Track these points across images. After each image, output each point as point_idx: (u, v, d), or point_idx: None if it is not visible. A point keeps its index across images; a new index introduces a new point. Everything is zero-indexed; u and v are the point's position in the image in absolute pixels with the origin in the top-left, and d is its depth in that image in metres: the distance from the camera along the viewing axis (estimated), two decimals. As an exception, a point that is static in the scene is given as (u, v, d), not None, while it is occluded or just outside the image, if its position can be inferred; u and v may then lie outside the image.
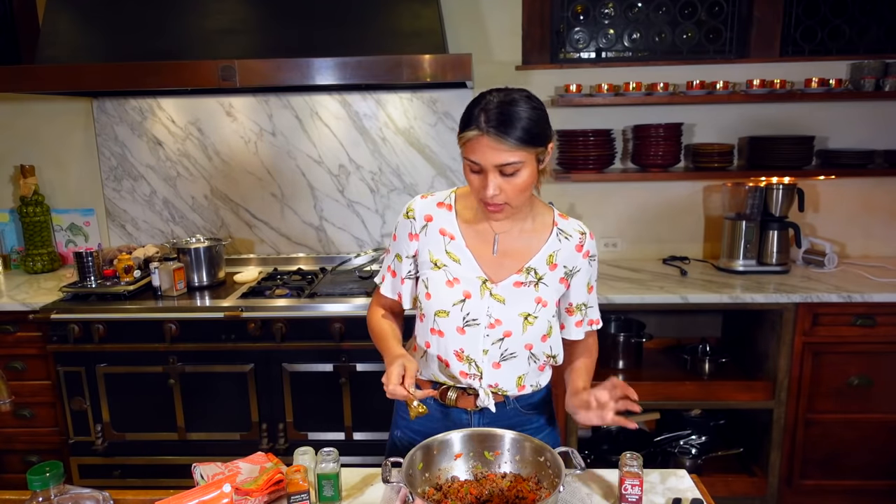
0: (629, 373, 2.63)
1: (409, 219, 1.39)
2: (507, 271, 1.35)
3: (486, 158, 1.20)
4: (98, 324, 2.36)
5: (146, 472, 2.51)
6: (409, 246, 1.40)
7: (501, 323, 1.33)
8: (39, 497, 0.99)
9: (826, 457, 2.52)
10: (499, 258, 1.35)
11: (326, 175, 2.94)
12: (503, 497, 1.17)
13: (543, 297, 1.34)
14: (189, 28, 2.48)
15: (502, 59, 2.83)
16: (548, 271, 1.35)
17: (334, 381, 2.39)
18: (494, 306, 1.33)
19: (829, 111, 2.80)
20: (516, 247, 1.36)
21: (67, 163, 2.99)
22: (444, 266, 1.35)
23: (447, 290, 1.34)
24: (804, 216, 2.84)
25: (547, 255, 1.36)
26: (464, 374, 1.36)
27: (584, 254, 1.39)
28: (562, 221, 1.39)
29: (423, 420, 1.42)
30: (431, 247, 1.37)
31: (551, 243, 1.36)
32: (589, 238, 1.40)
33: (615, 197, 2.95)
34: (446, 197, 1.41)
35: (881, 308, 2.38)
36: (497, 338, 1.34)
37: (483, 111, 1.20)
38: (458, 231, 1.36)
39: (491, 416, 1.39)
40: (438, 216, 1.38)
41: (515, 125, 1.18)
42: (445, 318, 1.34)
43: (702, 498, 1.26)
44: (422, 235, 1.38)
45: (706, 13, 2.88)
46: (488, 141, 1.19)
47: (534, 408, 1.44)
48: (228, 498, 1.10)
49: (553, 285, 1.36)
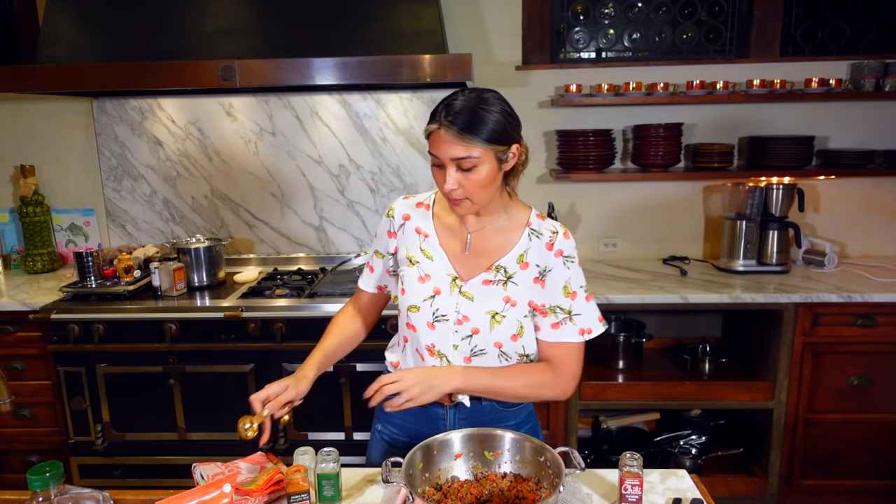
0: (629, 373, 2.63)
1: (389, 218, 1.45)
2: (477, 269, 1.37)
3: (442, 152, 1.24)
4: (98, 324, 2.36)
5: (146, 472, 2.51)
6: (389, 243, 1.46)
7: (469, 320, 1.35)
8: (39, 497, 0.99)
9: (826, 457, 2.52)
10: (471, 257, 1.38)
11: (326, 175, 2.94)
12: (503, 497, 1.17)
13: (512, 297, 1.34)
14: (189, 28, 2.47)
15: (502, 59, 2.83)
16: (518, 270, 1.35)
17: (334, 381, 2.39)
18: (463, 303, 1.35)
19: (829, 111, 2.80)
20: (489, 245, 1.38)
21: (67, 163, 2.99)
22: (418, 263, 1.39)
23: (419, 286, 1.38)
24: (804, 216, 2.84)
25: (518, 255, 1.36)
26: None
27: (557, 252, 1.34)
28: (536, 221, 1.38)
29: (401, 414, 1.43)
30: (408, 244, 1.42)
31: (522, 242, 1.36)
32: (562, 237, 1.36)
33: (615, 197, 2.95)
34: (426, 198, 1.46)
35: (881, 308, 2.38)
36: (466, 334, 1.35)
37: (446, 107, 1.24)
38: (433, 229, 1.41)
39: (467, 412, 1.41)
40: (416, 215, 1.43)
41: (473, 121, 1.21)
42: (417, 313, 1.37)
43: (702, 498, 1.26)
44: (399, 234, 1.44)
45: (706, 13, 2.88)
46: (444, 134, 1.22)
47: (510, 405, 1.44)
48: (228, 498, 1.10)
49: (524, 285, 1.34)
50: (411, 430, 1.45)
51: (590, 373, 2.58)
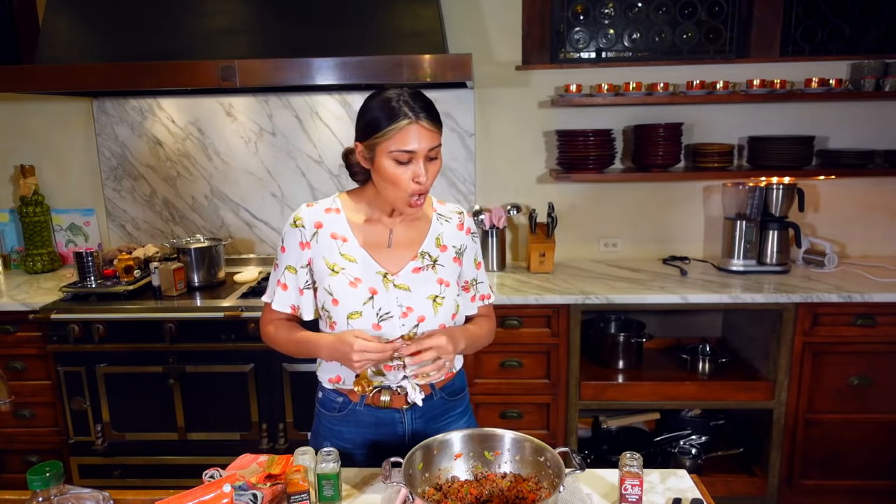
0: (629, 373, 2.63)
1: (298, 227, 1.38)
2: (403, 260, 1.39)
3: (420, 144, 1.26)
4: (98, 324, 2.36)
5: (146, 472, 2.51)
6: (302, 255, 1.39)
7: (413, 310, 1.36)
8: (39, 497, 0.99)
9: (826, 457, 2.52)
10: (393, 251, 1.40)
11: (326, 175, 2.94)
12: (503, 497, 1.17)
13: (444, 278, 1.41)
14: (189, 28, 2.47)
15: (502, 59, 2.83)
16: (440, 253, 1.43)
17: (334, 381, 2.39)
18: (402, 295, 1.37)
19: (829, 111, 2.80)
20: (407, 236, 1.42)
21: (67, 163, 2.99)
22: (343, 269, 1.37)
23: (352, 291, 1.35)
24: (804, 216, 2.84)
25: (434, 238, 1.43)
26: (388, 368, 1.37)
27: (466, 231, 1.48)
28: (440, 207, 1.48)
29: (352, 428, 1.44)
30: (325, 253, 1.37)
31: (435, 227, 1.44)
32: (467, 216, 1.50)
33: (615, 197, 2.95)
34: (331, 202, 1.42)
35: (881, 308, 2.38)
36: (412, 325, 1.37)
37: (404, 103, 1.25)
38: (350, 232, 1.39)
39: (420, 411, 1.43)
40: (328, 221, 1.39)
41: (433, 109, 1.28)
42: (359, 318, 1.35)
43: (702, 498, 1.26)
44: (313, 243, 1.38)
45: (706, 13, 2.88)
46: (423, 126, 1.25)
47: (455, 394, 1.50)
48: (228, 498, 1.10)
49: (448, 265, 1.43)
50: (368, 440, 1.44)
51: (590, 373, 2.58)
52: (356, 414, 1.44)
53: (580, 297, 2.39)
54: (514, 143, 2.90)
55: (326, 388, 1.47)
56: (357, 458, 1.45)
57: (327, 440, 1.48)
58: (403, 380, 1.39)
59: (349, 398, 1.44)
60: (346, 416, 1.45)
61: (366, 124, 1.29)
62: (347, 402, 1.44)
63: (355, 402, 1.43)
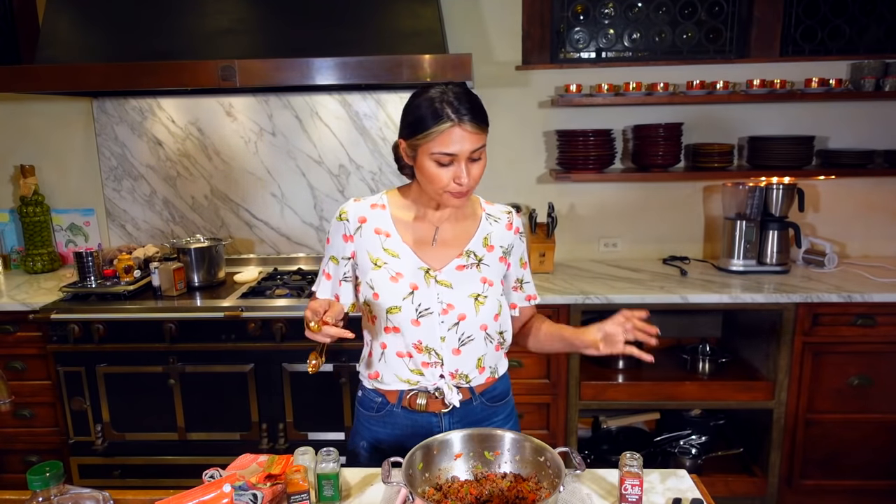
0: (629, 373, 2.63)
1: (343, 221, 1.40)
2: (447, 258, 1.39)
3: (462, 146, 1.24)
4: (98, 324, 2.36)
5: (146, 472, 2.51)
6: (345, 247, 1.40)
7: (454, 307, 1.36)
8: (39, 497, 0.99)
9: (826, 457, 2.52)
10: (437, 248, 1.39)
11: (326, 175, 2.94)
12: (503, 497, 1.17)
13: (488, 277, 1.40)
14: (189, 28, 2.47)
15: (502, 59, 2.83)
16: (486, 253, 1.41)
17: (334, 381, 2.39)
18: (443, 292, 1.36)
19: (829, 111, 2.80)
20: (453, 234, 1.41)
21: (67, 163, 2.99)
22: (385, 263, 1.37)
23: (393, 286, 1.36)
24: (804, 216, 2.84)
25: (482, 238, 1.42)
26: (425, 365, 1.38)
27: (515, 230, 1.47)
28: (489, 207, 1.48)
29: (389, 429, 1.44)
30: (368, 247, 1.39)
31: (483, 227, 1.43)
32: (516, 216, 1.49)
33: (615, 197, 2.95)
34: (378, 199, 1.43)
35: (881, 308, 2.38)
36: (452, 322, 1.36)
37: (447, 104, 1.23)
38: (393, 228, 1.39)
39: (459, 414, 1.41)
40: (372, 216, 1.40)
41: (481, 110, 1.27)
42: (398, 313, 1.35)
43: (702, 498, 1.26)
44: (357, 237, 1.39)
45: (706, 13, 2.88)
46: (466, 128, 1.24)
47: (497, 400, 1.48)
48: (228, 498, 1.10)
49: (494, 265, 1.42)
50: (404, 442, 1.43)
51: (590, 373, 2.58)
52: (393, 415, 1.43)
53: (580, 297, 2.39)
54: (514, 143, 2.90)
55: (366, 388, 1.47)
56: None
57: (364, 440, 1.48)
58: (440, 379, 1.38)
59: (387, 399, 1.44)
60: (383, 417, 1.45)
61: (409, 124, 1.29)
62: (385, 402, 1.44)
63: (393, 402, 1.43)
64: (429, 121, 1.24)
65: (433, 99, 1.25)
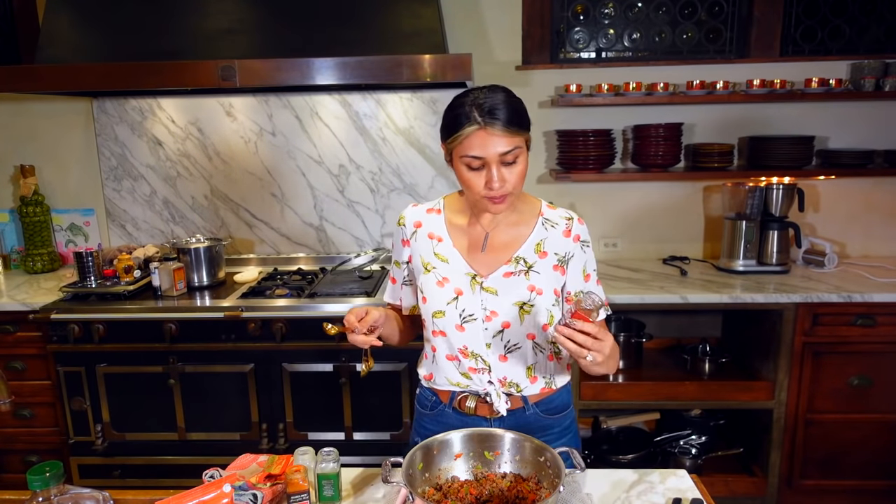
0: (629, 373, 2.63)
1: (401, 226, 1.45)
2: (496, 264, 1.37)
3: (488, 150, 1.23)
4: (98, 324, 2.36)
5: (146, 472, 2.51)
6: (403, 252, 1.45)
7: (498, 315, 1.34)
8: (39, 497, 0.99)
9: (826, 457, 2.52)
10: (487, 254, 1.38)
11: (326, 175, 2.94)
12: (503, 497, 1.17)
13: (537, 285, 1.34)
14: (189, 28, 2.47)
15: (502, 59, 2.83)
16: (538, 259, 1.36)
17: (334, 381, 2.39)
18: (488, 299, 1.35)
19: (829, 111, 2.80)
20: (504, 240, 1.38)
21: (67, 163, 2.99)
22: (434, 268, 1.38)
23: (438, 291, 1.36)
24: (804, 216, 2.84)
25: (535, 244, 1.37)
26: (472, 370, 1.38)
27: (574, 238, 1.39)
28: (548, 211, 1.42)
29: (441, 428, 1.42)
30: (422, 251, 1.41)
31: (538, 232, 1.38)
32: (577, 223, 1.41)
33: (615, 197, 2.95)
34: (435, 203, 1.45)
35: (881, 308, 2.38)
36: (496, 330, 1.35)
37: (474, 107, 1.22)
38: (446, 233, 1.40)
39: (511, 422, 1.38)
40: (427, 221, 1.42)
41: (507, 111, 1.23)
42: (443, 318, 1.36)
43: (702, 498, 1.26)
44: (412, 241, 1.42)
45: (706, 13, 2.88)
46: (489, 131, 1.22)
47: (554, 412, 1.43)
48: (228, 498, 1.10)
49: (546, 273, 1.36)
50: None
51: (590, 373, 2.57)
52: (445, 415, 1.43)
53: (580, 297, 2.39)
54: (514, 143, 2.90)
55: (423, 386, 1.49)
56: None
57: (419, 436, 1.48)
58: (489, 385, 1.38)
59: (440, 398, 1.44)
60: (435, 416, 1.45)
61: (443, 127, 1.29)
62: (438, 402, 1.45)
63: (445, 403, 1.43)
64: (457, 124, 1.24)
65: (462, 103, 1.24)
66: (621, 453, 2.64)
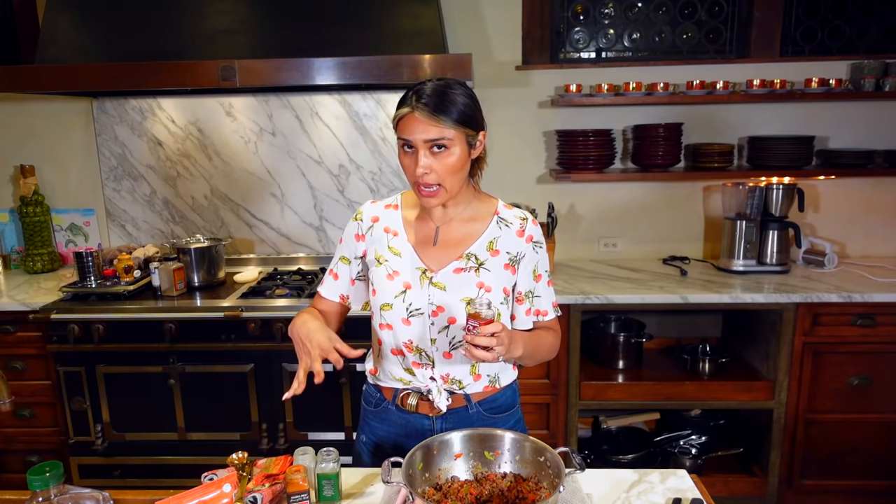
0: (629, 373, 2.63)
1: (357, 221, 1.45)
2: (447, 259, 1.37)
3: (415, 134, 1.25)
4: (98, 324, 2.36)
5: (146, 472, 2.51)
6: (357, 247, 1.44)
7: (444, 310, 1.35)
8: (39, 497, 0.99)
9: (826, 457, 2.52)
10: (439, 248, 1.39)
11: (326, 175, 2.94)
12: (503, 497, 1.17)
13: (486, 282, 1.35)
14: (189, 28, 2.47)
15: (502, 59, 2.83)
16: (489, 257, 1.37)
17: (334, 380, 2.39)
18: (436, 294, 1.35)
19: (829, 111, 2.80)
20: (457, 236, 1.39)
21: (67, 163, 2.99)
22: (386, 261, 1.39)
23: (388, 284, 1.37)
24: (804, 216, 2.84)
25: (487, 242, 1.38)
26: (416, 365, 1.39)
27: (527, 238, 1.40)
28: (504, 210, 1.43)
29: (385, 426, 1.46)
30: (376, 245, 1.42)
31: (491, 230, 1.39)
32: (531, 224, 1.41)
33: (615, 197, 2.95)
34: (393, 199, 1.47)
35: (881, 308, 2.38)
36: (442, 325, 1.35)
37: (415, 93, 1.26)
38: (402, 227, 1.41)
39: (453, 421, 1.40)
40: (384, 216, 1.44)
41: (444, 102, 1.24)
42: (390, 310, 1.37)
43: (702, 498, 1.26)
44: (368, 236, 1.43)
45: (706, 13, 2.88)
46: (418, 116, 1.24)
47: (498, 411, 1.44)
48: (228, 498, 1.10)
49: (496, 271, 1.37)
50: (398, 440, 1.45)
51: (590, 373, 2.58)
52: (388, 413, 1.45)
53: (580, 297, 2.39)
54: (513, 143, 2.90)
55: (369, 382, 1.50)
56: (386, 453, 1.43)
57: (364, 434, 1.51)
58: (431, 381, 1.38)
59: (384, 395, 1.46)
60: (379, 413, 1.47)
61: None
62: (382, 399, 1.46)
63: (388, 400, 1.44)
64: (398, 105, 1.28)
65: (413, 87, 1.28)
66: (621, 453, 2.64)
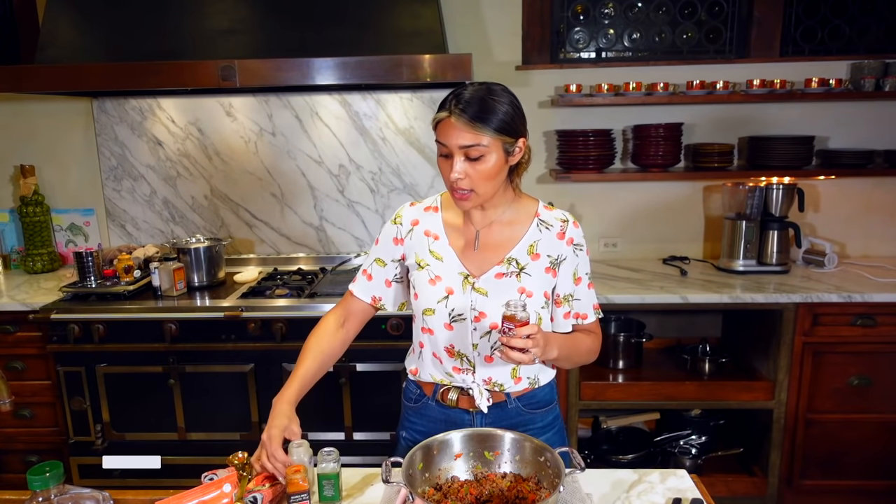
0: (629, 373, 2.63)
1: (396, 224, 1.44)
2: (488, 264, 1.37)
3: (451, 140, 1.25)
4: (98, 324, 2.36)
5: (146, 472, 2.50)
6: (395, 250, 1.44)
7: (486, 315, 1.34)
8: (39, 497, 0.99)
9: (826, 457, 2.52)
10: (480, 253, 1.38)
11: (326, 175, 2.94)
12: (503, 497, 1.17)
13: (528, 288, 1.34)
14: (189, 28, 2.47)
15: (502, 59, 2.83)
16: (530, 261, 1.36)
17: (334, 381, 2.39)
18: (478, 299, 1.34)
19: (829, 111, 2.80)
20: (497, 240, 1.38)
21: (67, 163, 2.99)
22: (428, 265, 1.38)
23: (430, 289, 1.37)
24: (804, 216, 2.84)
25: (528, 246, 1.37)
26: (456, 370, 1.38)
27: (568, 241, 1.38)
28: (545, 213, 1.41)
29: (425, 422, 1.45)
30: (417, 249, 1.41)
31: (531, 233, 1.38)
32: (572, 226, 1.39)
33: (615, 197, 2.95)
34: (433, 201, 1.46)
35: (881, 308, 2.38)
36: (484, 331, 1.35)
37: (456, 97, 1.25)
38: (443, 231, 1.40)
39: (493, 416, 1.40)
40: (424, 219, 1.43)
41: (483, 109, 1.23)
42: (432, 315, 1.37)
43: (702, 498, 1.26)
44: (407, 240, 1.42)
45: (706, 13, 2.88)
46: (454, 122, 1.23)
47: (537, 407, 1.44)
48: (228, 498, 1.10)
49: (537, 275, 1.36)
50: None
51: (590, 373, 2.58)
52: (428, 408, 1.45)
53: (580, 297, 2.39)
54: (514, 143, 2.90)
55: (409, 379, 1.50)
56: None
57: (405, 429, 1.51)
58: (472, 383, 1.38)
59: (424, 391, 1.46)
60: (419, 409, 1.47)
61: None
62: (422, 394, 1.46)
63: (428, 395, 1.45)
64: (439, 108, 1.28)
65: (454, 91, 1.27)
66: (621, 453, 2.64)
